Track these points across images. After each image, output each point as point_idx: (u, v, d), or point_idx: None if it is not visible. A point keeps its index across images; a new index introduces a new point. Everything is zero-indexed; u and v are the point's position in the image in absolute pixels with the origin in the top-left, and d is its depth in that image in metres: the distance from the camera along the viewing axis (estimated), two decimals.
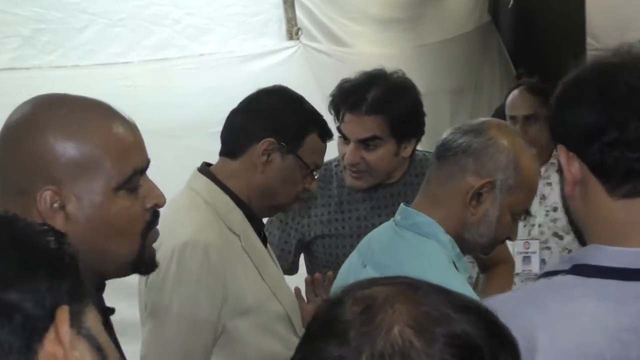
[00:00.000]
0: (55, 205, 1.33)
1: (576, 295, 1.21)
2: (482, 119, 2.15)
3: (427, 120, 2.87)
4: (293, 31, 4.94)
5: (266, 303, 2.23)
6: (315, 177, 2.41)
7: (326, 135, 2.38)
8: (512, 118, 4.20)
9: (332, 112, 2.76)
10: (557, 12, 7.34)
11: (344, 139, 2.71)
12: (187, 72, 4.36)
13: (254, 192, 2.33)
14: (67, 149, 1.34)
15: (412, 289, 0.96)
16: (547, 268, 1.36)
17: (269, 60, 4.84)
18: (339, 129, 2.71)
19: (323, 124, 2.37)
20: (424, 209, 2.05)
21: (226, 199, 2.28)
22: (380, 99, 2.66)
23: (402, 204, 2.11)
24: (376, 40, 5.54)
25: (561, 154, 1.31)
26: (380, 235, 2.16)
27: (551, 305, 1.22)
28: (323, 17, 5.07)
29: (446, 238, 2.01)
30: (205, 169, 2.33)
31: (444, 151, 2.03)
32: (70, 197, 1.33)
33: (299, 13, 4.95)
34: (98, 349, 0.84)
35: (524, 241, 4.09)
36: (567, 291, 1.23)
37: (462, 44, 6.68)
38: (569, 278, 1.24)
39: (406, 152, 2.71)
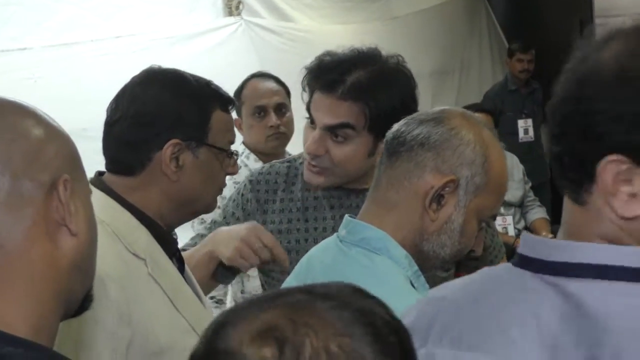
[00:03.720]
0: None
1: (512, 288, 1.28)
2: (443, 107, 2.08)
3: None
4: (232, 5, 4.86)
5: (183, 340, 2.13)
6: (235, 157, 2.34)
7: (228, 103, 2.30)
8: None
9: (306, 88, 2.65)
10: None
11: (312, 122, 2.62)
12: (100, 59, 4.25)
13: (169, 205, 2.25)
14: None
15: (300, 302, 1.02)
16: None
17: (203, 41, 4.76)
18: (308, 109, 2.61)
19: (219, 93, 2.28)
20: (373, 220, 1.97)
21: (126, 216, 2.19)
22: (362, 84, 2.53)
23: (346, 216, 2.04)
24: (334, 14, 5.47)
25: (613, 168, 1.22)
26: (322, 254, 2.08)
27: None
28: None
29: (401, 254, 1.93)
30: (99, 180, 2.24)
31: (397, 146, 1.95)
32: None
33: None
34: None
35: None
36: (506, 283, 1.31)
37: (444, 16, 6.63)
38: (509, 267, 1.31)
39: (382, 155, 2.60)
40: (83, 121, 4.15)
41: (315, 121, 2.58)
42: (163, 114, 2.22)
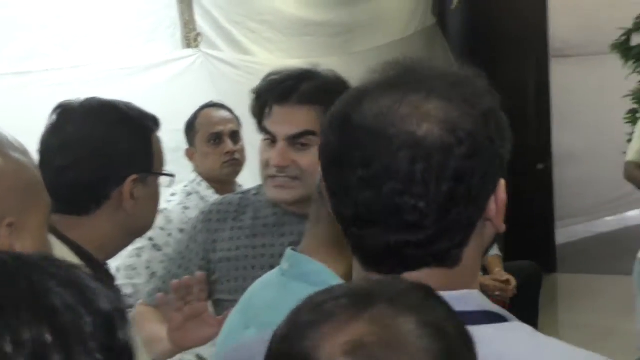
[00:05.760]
0: None
1: None
2: None
3: None
4: (191, 37, 4.85)
5: None
6: (173, 177, 2.35)
7: (157, 124, 2.31)
8: None
9: (256, 110, 2.64)
10: (515, 12, 7.41)
11: (271, 141, 2.61)
12: (55, 89, 4.21)
13: (120, 236, 2.23)
14: None
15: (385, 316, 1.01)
16: None
17: (161, 72, 4.73)
18: (264, 129, 2.61)
19: (150, 115, 2.28)
20: (314, 254, 1.96)
21: (65, 252, 2.17)
22: (315, 89, 2.56)
23: (288, 249, 2.03)
24: (293, 48, 5.47)
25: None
26: (264, 288, 2.06)
27: None
28: (226, 20, 4.98)
29: None
30: None
31: None
32: None
33: (198, 16, 4.87)
34: None
35: None
36: None
37: (402, 51, 6.64)
38: None
39: None
40: (34, 154, 4.11)
41: (276, 135, 2.57)
42: (117, 151, 2.20)
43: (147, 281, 3.49)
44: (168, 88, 4.69)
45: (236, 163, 3.80)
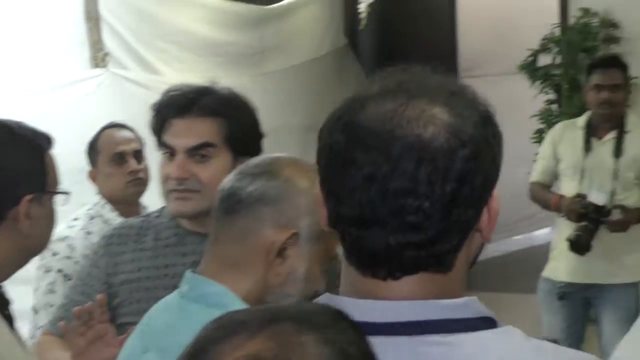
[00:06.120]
0: None
1: None
2: (271, 155, 2.07)
3: None
4: (99, 57, 4.78)
5: None
6: (67, 194, 2.32)
7: (51, 142, 2.29)
8: None
9: (156, 125, 2.62)
10: (424, 32, 7.49)
11: (170, 154, 2.58)
12: None
13: (15, 255, 2.19)
14: None
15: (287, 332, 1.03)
16: None
17: (68, 92, 4.66)
18: (163, 144, 2.58)
19: (42, 134, 2.26)
20: (215, 275, 1.93)
21: None
22: (214, 101, 2.56)
23: (188, 271, 1.99)
24: (205, 68, 5.44)
25: None
26: (162, 312, 2.03)
27: None
28: (135, 40, 4.94)
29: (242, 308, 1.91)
30: None
31: (234, 204, 1.93)
32: None
33: (106, 35, 4.81)
34: None
35: None
36: None
37: (314, 71, 6.68)
38: None
39: None
40: None
41: (175, 147, 2.55)
42: (12, 171, 2.16)
43: None
44: (76, 108, 4.61)
45: (140, 182, 3.74)
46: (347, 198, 1.23)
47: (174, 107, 2.55)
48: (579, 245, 4.74)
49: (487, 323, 1.25)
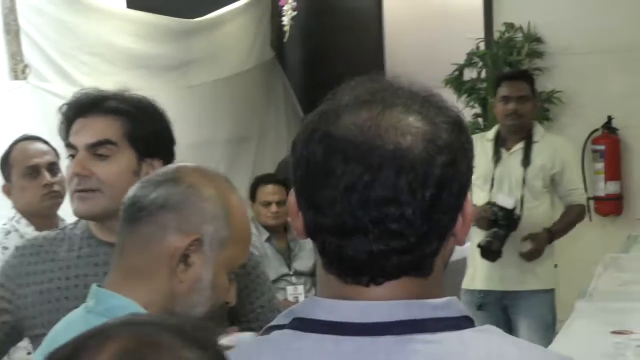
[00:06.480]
0: None
1: (292, 351, 1.27)
2: (176, 164, 2.06)
3: None
4: (19, 69, 4.72)
5: None
6: None
7: None
8: None
9: (62, 129, 2.58)
10: (351, 46, 7.52)
11: (74, 156, 2.55)
12: None
13: None
14: None
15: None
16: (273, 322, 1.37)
17: None
18: (67, 145, 2.55)
19: None
20: (120, 288, 1.91)
21: None
22: (122, 102, 2.53)
23: (93, 285, 1.97)
24: (129, 80, 5.38)
25: None
26: (68, 327, 1.99)
27: None
28: (55, 52, 4.88)
29: None
30: None
31: (136, 211, 1.91)
32: None
33: (25, 47, 4.74)
34: None
35: None
36: (283, 347, 1.29)
37: (241, 85, 6.65)
38: (288, 332, 1.29)
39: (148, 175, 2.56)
40: None
41: (76, 145, 2.52)
42: None
43: None
44: None
45: (56, 195, 3.69)
46: (328, 208, 1.23)
47: (78, 107, 2.52)
48: (490, 251, 4.86)
49: (467, 322, 1.27)
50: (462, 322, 1.27)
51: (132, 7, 5.94)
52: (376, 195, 1.21)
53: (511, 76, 5.23)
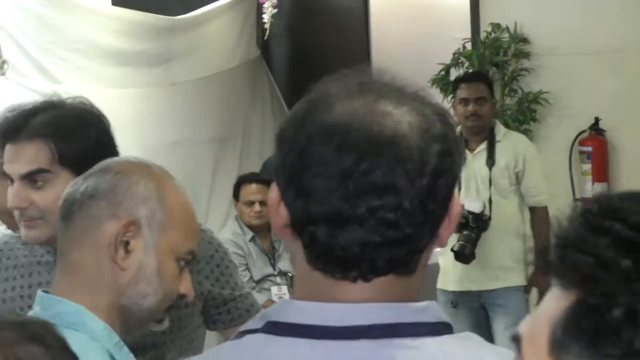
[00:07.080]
0: None
1: (265, 356, 1.25)
2: (108, 160, 2.03)
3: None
4: None
5: None
6: None
7: None
8: None
9: None
10: (337, 46, 7.48)
11: (12, 182, 2.49)
12: None
13: None
14: None
15: None
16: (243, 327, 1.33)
17: None
18: (2, 172, 2.49)
19: None
20: (65, 292, 1.86)
21: None
22: (46, 122, 2.43)
23: (39, 291, 1.91)
24: (111, 78, 5.34)
25: None
26: None
27: None
28: (34, 48, 4.83)
29: (99, 326, 1.82)
30: None
31: (69, 207, 1.87)
32: None
33: (3, 43, 4.70)
34: None
35: None
36: (256, 353, 1.26)
37: (225, 83, 6.60)
38: (261, 337, 1.26)
39: None
40: None
41: (11, 175, 2.46)
42: None
43: None
44: None
45: None
46: (321, 195, 1.20)
47: (5, 131, 2.45)
48: (464, 255, 4.92)
49: (445, 328, 1.25)
50: (441, 328, 1.24)
51: (117, 4, 5.89)
52: (374, 183, 1.18)
53: (469, 78, 5.37)
